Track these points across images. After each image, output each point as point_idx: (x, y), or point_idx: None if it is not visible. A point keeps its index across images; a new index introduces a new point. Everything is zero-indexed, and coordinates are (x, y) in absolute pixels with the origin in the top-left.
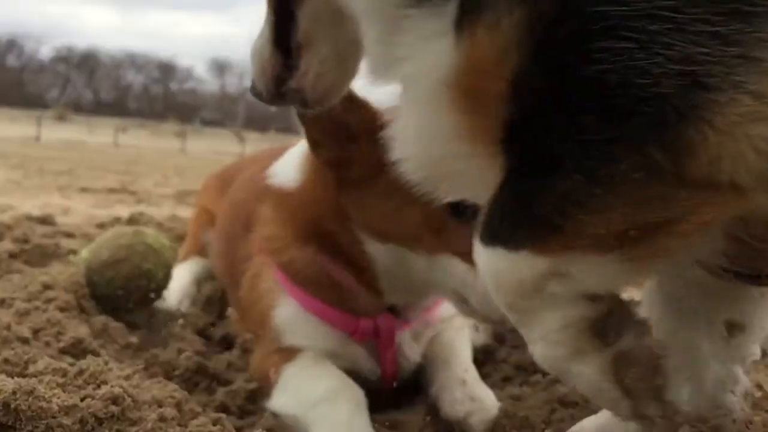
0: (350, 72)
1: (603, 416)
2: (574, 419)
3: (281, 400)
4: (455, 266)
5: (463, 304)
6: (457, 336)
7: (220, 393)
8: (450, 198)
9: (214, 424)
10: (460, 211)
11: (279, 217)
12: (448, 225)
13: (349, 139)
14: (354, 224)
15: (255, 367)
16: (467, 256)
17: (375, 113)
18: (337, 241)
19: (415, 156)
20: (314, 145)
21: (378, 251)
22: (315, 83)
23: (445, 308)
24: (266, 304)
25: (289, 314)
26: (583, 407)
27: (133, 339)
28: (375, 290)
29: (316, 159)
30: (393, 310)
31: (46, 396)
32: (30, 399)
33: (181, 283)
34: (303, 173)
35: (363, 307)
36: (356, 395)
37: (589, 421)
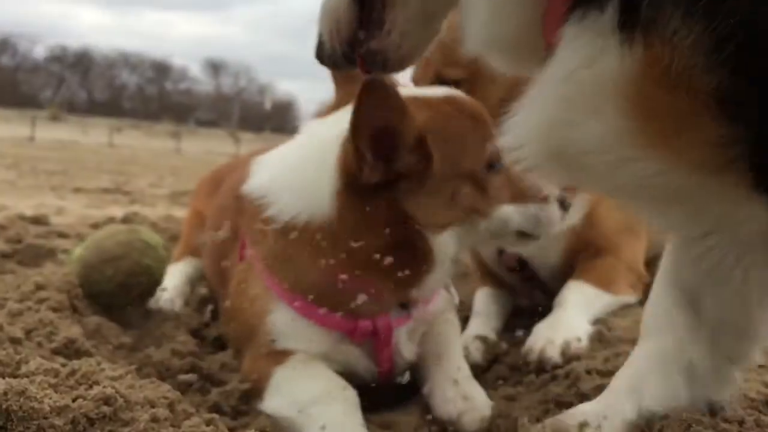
0: (434, 33)
1: (601, 401)
2: None
3: (274, 402)
4: (508, 211)
5: (522, 238)
6: (450, 330)
7: (214, 394)
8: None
9: (207, 425)
10: (494, 164)
11: (300, 246)
12: (489, 182)
13: (396, 150)
14: (418, 224)
15: (247, 369)
16: (510, 198)
17: (413, 117)
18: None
19: (538, 144)
20: (359, 167)
21: (441, 242)
22: (400, 43)
23: (437, 302)
24: (258, 310)
25: (284, 319)
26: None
27: (127, 339)
28: (420, 281)
29: (358, 182)
30: (403, 305)
31: (38, 396)
32: (21, 399)
33: (174, 283)
34: (329, 206)
35: (366, 309)
36: (349, 396)
37: (586, 405)
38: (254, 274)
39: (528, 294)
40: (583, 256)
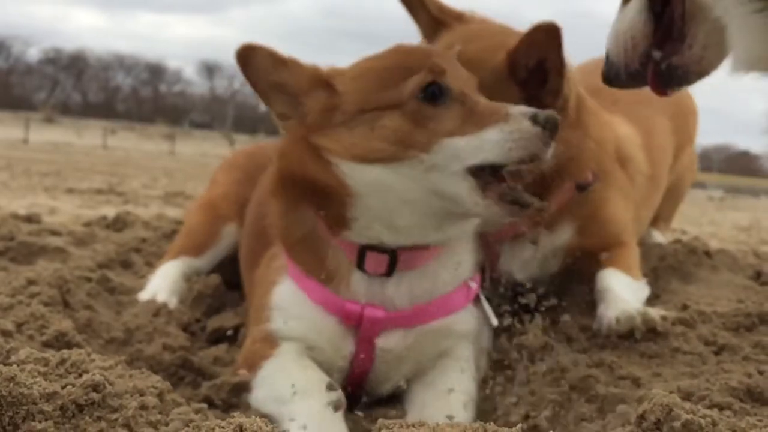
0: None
1: None
2: None
3: (259, 395)
4: (456, 142)
5: (514, 174)
6: (453, 376)
7: (204, 387)
8: None
9: (196, 413)
10: (434, 95)
11: (271, 189)
12: (430, 114)
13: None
14: (334, 157)
15: (242, 354)
16: (461, 129)
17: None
18: (315, 184)
19: None
20: (287, 103)
21: (363, 176)
22: (701, 57)
23: (461, 317)
24: (271, 280)
25: (286, 292)
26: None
27: (118, 334)
28: (348, 227)
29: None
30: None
31: (27, 383)
32: (11, 385)
33: (170, 279)
34: (278, 144)
35: (346, 287)
36: (331, 391)
37: None
38: (281, 252)
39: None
40: (595, 252)
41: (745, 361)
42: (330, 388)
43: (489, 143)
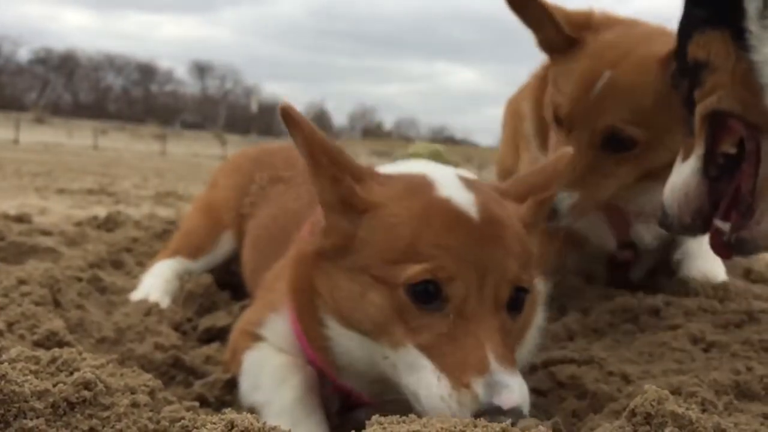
0: None
1: None
2: None
3: (242, 388)
4: (417, 361)
5: (415, 404)
6: None
7: (197, 385)
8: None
9: (187, 410)
10: (426, 296)
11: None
12: (414, 313)
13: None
14: (321, 303)
15: (229, 346)
16: (431, 351)
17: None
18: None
19: None
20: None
21: (340, 336)
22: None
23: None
24: (276, 298)
25: (282, 327)
26: None
27: (109, 333)
28: (331, 368)
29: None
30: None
31: (19, 381)
32: (2, 383)
33: (163, 278)
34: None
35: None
36: (304, 379)
37: None
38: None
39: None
40: None
41: (733, 358)
42: (300, 372)
43: (433, 400)
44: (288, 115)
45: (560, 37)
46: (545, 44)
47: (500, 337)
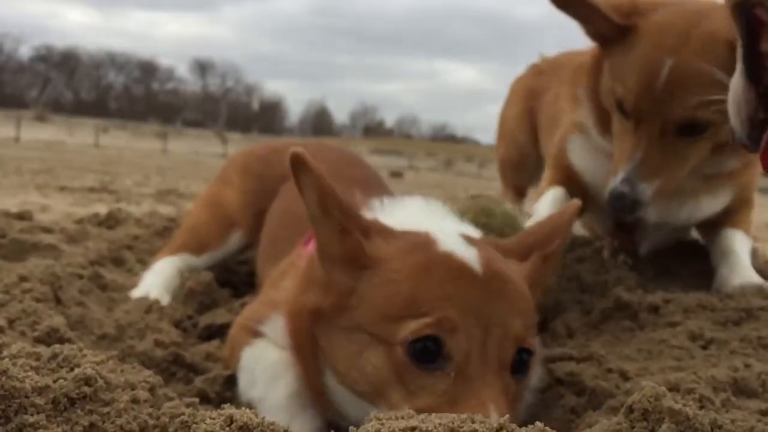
0: None
1: None
2: None
3: (241, 384)
4: None
5: None
6: None
7: (198, 381)
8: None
9: (187, 407)
10: (426, 355)
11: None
12: (413, 374)
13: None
14: (322, 355)
15: (228, 342)
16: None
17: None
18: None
19: None
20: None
21: (337, 390)
22: None
23: None
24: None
25: (280, 323)
26: None
27: (110, 330)
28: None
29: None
30: None
31: (20, 377)
32: (3, 379)
33: (164, 276)
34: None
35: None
36: (300, 375)
37: None
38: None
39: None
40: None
41: (732, 355)
42: (292, 367)
43: None
44: (300, 161)
45: (610, 27)
46: (595, 35)
47: (504, 401)
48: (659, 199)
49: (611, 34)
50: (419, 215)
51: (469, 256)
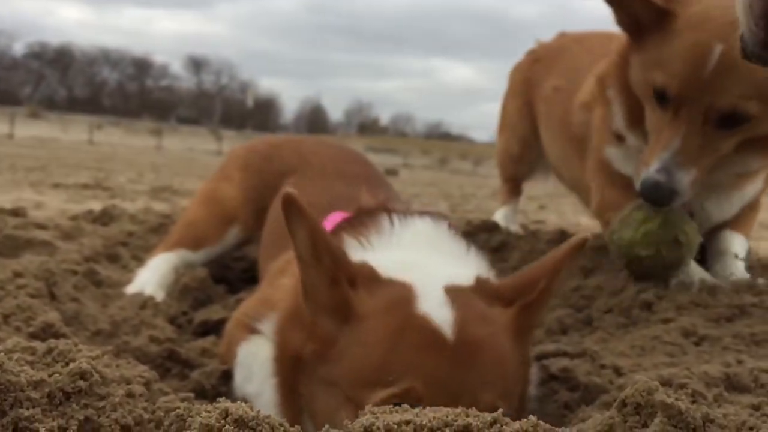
0: None
1: None
2: None
3: (236, 380)
4: None
5: None
6: None
7: (195, 374)
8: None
9: (182, 401)
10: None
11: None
12: None
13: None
14: (303, 401)
15: (225, 338)
16: None
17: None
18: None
19: None
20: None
21: None
22: None
23: None
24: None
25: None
26: None
27: (104, 326)
28: None
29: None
30: None
31: (15, 371)
32: None
33: (160, 272)
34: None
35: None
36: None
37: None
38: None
39: None
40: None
41: (724, 351)
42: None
43: None
44: (292, 204)
45: (649, 11)
46: (629, 22)
47: None
48: (694, 189)
49: (648, 19)
50: (418, 250)
51: (444, 319)
